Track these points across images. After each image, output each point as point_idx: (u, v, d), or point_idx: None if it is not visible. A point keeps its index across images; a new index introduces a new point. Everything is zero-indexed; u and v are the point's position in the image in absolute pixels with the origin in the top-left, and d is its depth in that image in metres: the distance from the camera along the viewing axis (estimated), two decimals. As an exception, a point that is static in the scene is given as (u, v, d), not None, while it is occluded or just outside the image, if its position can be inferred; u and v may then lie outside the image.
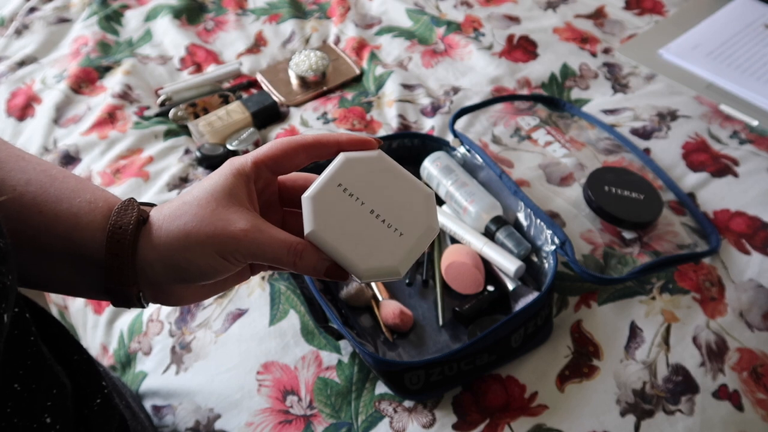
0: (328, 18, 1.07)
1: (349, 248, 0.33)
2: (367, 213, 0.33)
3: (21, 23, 1.08)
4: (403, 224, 0.34)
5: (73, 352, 0.37)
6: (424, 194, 0.34)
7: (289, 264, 0.33)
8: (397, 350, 0.62)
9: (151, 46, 1.03)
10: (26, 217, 0.33)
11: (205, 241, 0.33)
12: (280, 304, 0.66)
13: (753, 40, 0.97)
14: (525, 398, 0.58)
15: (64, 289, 0.37)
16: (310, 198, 0.33)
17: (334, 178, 0.33)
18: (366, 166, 0.34)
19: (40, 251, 0.34)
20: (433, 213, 0.34)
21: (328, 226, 0.33)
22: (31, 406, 0.29)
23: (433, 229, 0.34)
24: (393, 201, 0.34)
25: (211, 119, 0.86)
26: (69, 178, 0.35)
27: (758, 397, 0.58)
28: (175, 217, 0.33)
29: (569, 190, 0.76)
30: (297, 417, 0.58)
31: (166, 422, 0.60)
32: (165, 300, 0.36)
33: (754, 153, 0.79)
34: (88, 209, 0.34)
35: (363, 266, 0.33)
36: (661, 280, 0.66)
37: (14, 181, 0.33)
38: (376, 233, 0.33)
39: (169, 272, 0.34)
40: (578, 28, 1.01)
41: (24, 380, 0.29)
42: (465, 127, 0.85)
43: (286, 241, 0.33)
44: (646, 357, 0.60)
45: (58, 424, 0.31)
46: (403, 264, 0.33)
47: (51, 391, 0.31)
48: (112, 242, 0.33)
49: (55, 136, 0.89)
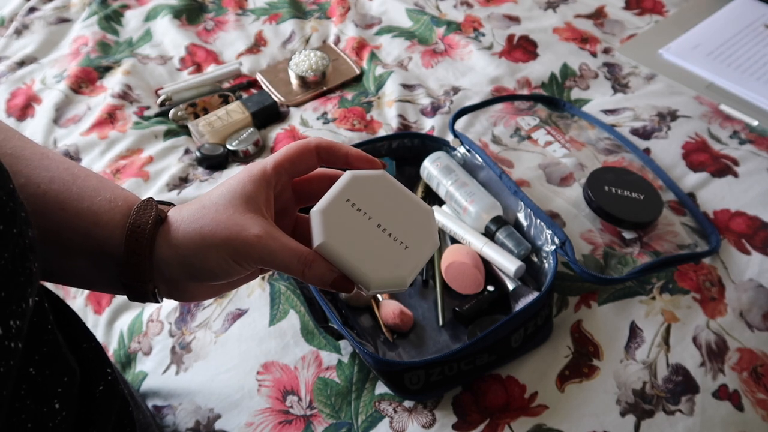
0: (328, 18, 1.07)
1: (360, 259, 0.34)
2: (374, 227, 0.35)
3: (21, 23, 1.08)
4: (408, 238, 0.36)
5: (83, 340, 0.38)
6: (426, 211, 0.37)
7: (298, 273, 0.34)
8: (397, 350, 0.62)
9: (151, 46, 1.03)
10: (49, 214, 0.34)
11: (220, 245, 0.34)
12: (280, 304, 0.66)
13: (753, 40, 0.97)
14: (525, 398, 0.58)
15: (83, 283, 0.38)
16: (320, 212, 0.35)
17: (342, 193, 0.35)
18: (372, 184, 0.36)
19: (62, 246, 0.35)
20: (435, 228, 0.37)
21: (338, 239, 0.34)
22: (44, 391, 0.31)
23: (435, 243, 0.36)
24: (397, 216, 0.36)
25: (211, 119, 0.86)
26: (90, 176, 0.37)
27: (758, 397, 0.58)
28: (192, 220, 0.35)
29: (569, 190, 0.76)
30: (297, 417, 0.58)
31: (167, 422, 0.60)
32: (179, 296, 0.38)
33: (754, 153, 0.79)
34: (108, 207, 0.35)
35: (374, 276, 0.34)
36: (661, 280, 0.66)
37: (39, 178, 0.35)
38: (384, 246, 0.35)
39: (183, 271, 0.35)
40: (578, 28, 1.01)
41: (39, 366, 0.30)
42: (465, 127, 0.85)
43: (297, 251, 0.34)
44: (646, 357, 0.60)
45: (65, 410, 0.32)
46: (410, 275, 0.35)
47: (62, 379, 0.32)
48: (130, 240, 0.34)
49: (55, 136, 0.89)
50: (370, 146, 0.75)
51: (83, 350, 0.37)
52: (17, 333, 0.26)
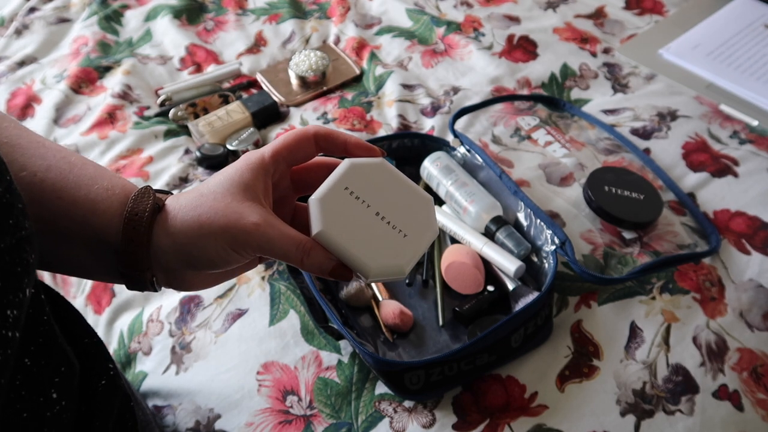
0: (328, 18, 1.07)
1: (358, 248, 0.34)
2: (373, 215, 0.35)
3: (21, 23, 1.08)
4: (407, 226, 0.35)
5: (84, 335, 0.38)
6: (425, 199, 0.36)
7: (297, 261, 0.34)
8: (397, 350, 0.63)
9: (151, 46, 1.03)
10: (46, 203, 0.34)
11: (218, 232, 0.34)
12: (280, 304, 0.66)
13: (753, 40, 0.97)
14: (525, 398, 0.58)
15: (81, 272, 0.38)
16: (318, 200, 0.34)
17: (341, 181, 0.35)
18: (370, 172, 0.36)
19: (59, 235, 0.35)
20: (434, 217, 0.36)
21: (337, 227, 0.34)
22: (40, 380, 0.31)
23: (435, 232, 0.36)
24: (396, 205, 0.35)
25: (211, 119, 0.86)
26: (87, 165, 0.37)
27: (758, 397, 0.58)
28: (191, 208, 0.35)
29: (569, 190, 0.76)
30: (297, 417, 0.58)
31: (167, 422, 0.60)
32: (177, 285, 0.38)
33: (754, 153, 0.79)
34: (105, 196, 0.35)
35: (372, 265, 0.34)
36: (661, 280, 0.66)
37: (35, 167, 0.35)
38: (382, 234, 0.35)
39: (180, 259, 0.35)
40: (578, 28, 1.01)
41: (34, 356, 0.30)
42: (465, 127, 0.85)
43: (296, 239, 0.34)
44: (646, 357, 0.60)
45: (64, 400, 0.32)
46: (409, 264, 0.35)
47: (59, 369, 0.33)
48: (128, 228, 0.34)
49: (55, 136, 0.89)
50: (370, 146, 0.75)
51: (84, 345, 0.38)
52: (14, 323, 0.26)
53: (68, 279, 0.75)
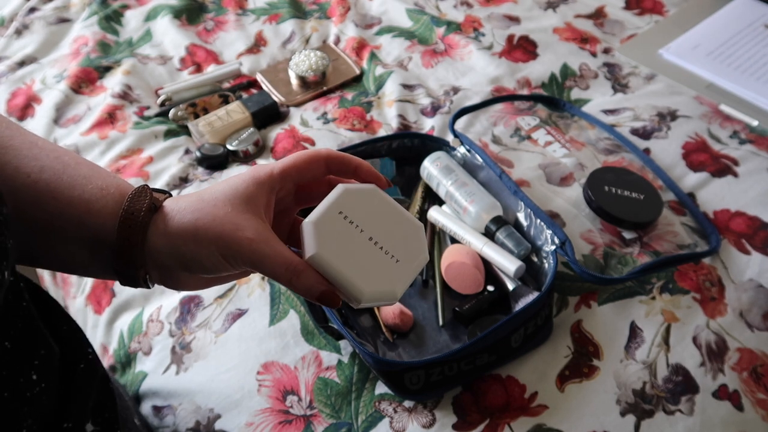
0: (328, 18, 1.07)
1: (352, 272, 0.34)
2: (366, 240, 0.35)
3: (21, 23, 1.08)
4: (399, 252, 0.36)
5: (62, 324, 0.39)
6: (416, 226, 0.37)
7: (285, 281, 0.34)
8: (397, 350, 0.63)
9: (151, 46, 1.03)
10: (41, 203, 0.34)
11: (212, 240, 0.34)
12: (280, 304, 0.66)
13: (753, 40, 0.97)
14: (525, 398, 0.58)
15: (77, 270, 0.39)
16: (312, 222, 0.35)
17: (335, 205, 0.35)
18: (363, 198, 0.36)
19: (55, 234, 0.35)
20: (425, 243, 0.37)
21: (330, 250, 0.34)
22: (20, 362, 0.31)
23: (425, 258, 0.37)
24: (388, 230, 0.36)
25: (211, 119, 0.86)
26: (81, 164, 0.37)
27: (758, 397, 0.58)
28: (189, 211, 0.35)
29: (569, 190, 0.76)
30: (297, 417, 0.58)
31: (167, 422, 0.60)
32: (171, 284, 0.38)
33: (754, 153, 0.79)
34: (100, 195, 0.35)
35: (366, 289, 0.34)
36: (661, 280, 0.66)
37: (28, 168, 0.35)
38: (375, 259, 0.35)
39: (175, 260, 0.35)
40: (578, 28, 1.01)
41: (14, 339, 0.31)
42: (465, 127, 0.85)
43: (288, 259, 0.34)
44: (646, 357, 0.60)
45: (44, 381, 0.33)
46: (401, 289, 0.35)
47: (39, 351, 0.33)
48: (123, 227, 0.34)
49: (55, 136, 0.89)
50: (370, 146, 0.75)
51: (62, 332, 0.38)
52: None
53: (68, 279, 0.75)
